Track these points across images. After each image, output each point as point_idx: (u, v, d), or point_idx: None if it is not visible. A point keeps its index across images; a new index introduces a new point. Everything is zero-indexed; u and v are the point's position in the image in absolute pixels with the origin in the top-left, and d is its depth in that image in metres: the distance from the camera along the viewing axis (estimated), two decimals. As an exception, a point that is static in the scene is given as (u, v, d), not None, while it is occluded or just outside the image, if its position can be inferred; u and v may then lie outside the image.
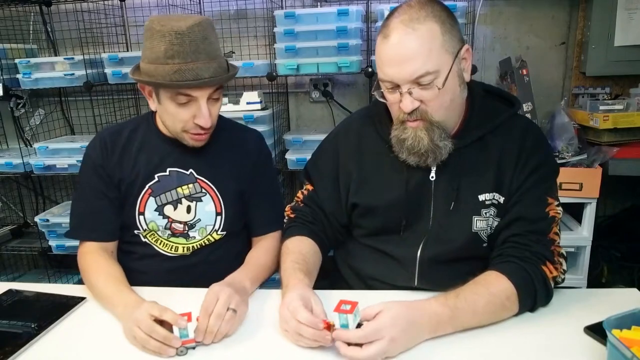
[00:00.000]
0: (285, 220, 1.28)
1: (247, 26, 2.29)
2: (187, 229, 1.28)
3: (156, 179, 1.26)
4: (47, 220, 2.21)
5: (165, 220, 1.27)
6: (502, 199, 1.08)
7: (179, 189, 1.26)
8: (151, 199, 1.26)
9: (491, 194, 1.08)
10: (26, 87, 2.20)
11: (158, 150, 1.27)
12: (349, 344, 0.85)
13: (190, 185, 1.27)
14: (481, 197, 1.08)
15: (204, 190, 1.27)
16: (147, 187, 1.25)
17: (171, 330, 0.91)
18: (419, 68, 0.97)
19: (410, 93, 0.99)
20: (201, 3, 2.28)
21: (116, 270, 1.19)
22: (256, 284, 1.17)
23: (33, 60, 2.19)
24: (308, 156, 1.33)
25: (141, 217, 1.27)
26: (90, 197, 1.26)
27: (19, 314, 1.09)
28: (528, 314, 1.00)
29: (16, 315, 1.07)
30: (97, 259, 1.21)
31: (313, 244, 1.19)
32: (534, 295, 0.99)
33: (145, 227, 1.27)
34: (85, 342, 0.98)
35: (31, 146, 2.41)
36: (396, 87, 1.01)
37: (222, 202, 1.28)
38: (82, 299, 1.13)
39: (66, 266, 2.48)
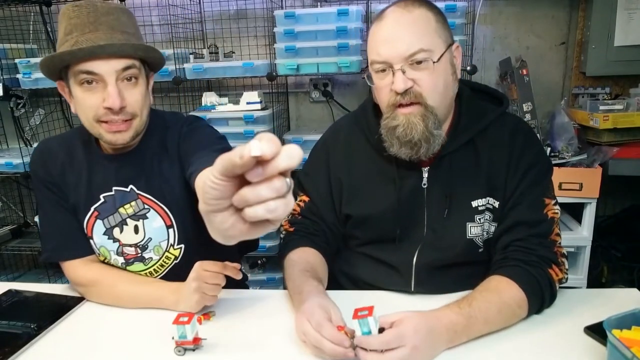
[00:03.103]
0: (282, 235, 1.20)
1: (247, 26, 2.29)
2: (139, 251, 1.16)
3: (102, 199, 1.13)
4: (47, 220, 2.20)
5: (117, 244, 1.15)
6: (496, 203, 1.06)
7: (122, 209, 1.13)
8: (98, 222, 1.14)
9: (485, 199, 1.06)
10: (26, 87, 2.20)
11: (100, 168, 1.14)
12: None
13: (133, 203, 1.13)
14: (474, 204, 1.06)
15: (146, 206, 1.14)
16: (92, 209, 1.14)
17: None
18: (414, 44, 0.96)
19: (403, 72, 0.97)
20: (201, 3, 2.28)
21: (123, 271, 1.16)
22: None
23: (33, 60, 2.18)
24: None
25: (91, 241, 1.16)
26: (53, 213, 1.15)
27: (19, 314, 1.08)
28: (528, 314, 1.00)
29: (16, 316, 1.07)
30: (96, 268, 1.14)
31: (318, 254, 1.13)
32: (541, 300, 0.98)
33: (97, 252, 1.17)
34: (85, 342, 0.98)
35: (31, 146, 2.41)
36: (389, 67, 0.99)
37: (169, 213, 1.14)
38: (82, 299, 1.13)
39: (66, 266, 2.48)
